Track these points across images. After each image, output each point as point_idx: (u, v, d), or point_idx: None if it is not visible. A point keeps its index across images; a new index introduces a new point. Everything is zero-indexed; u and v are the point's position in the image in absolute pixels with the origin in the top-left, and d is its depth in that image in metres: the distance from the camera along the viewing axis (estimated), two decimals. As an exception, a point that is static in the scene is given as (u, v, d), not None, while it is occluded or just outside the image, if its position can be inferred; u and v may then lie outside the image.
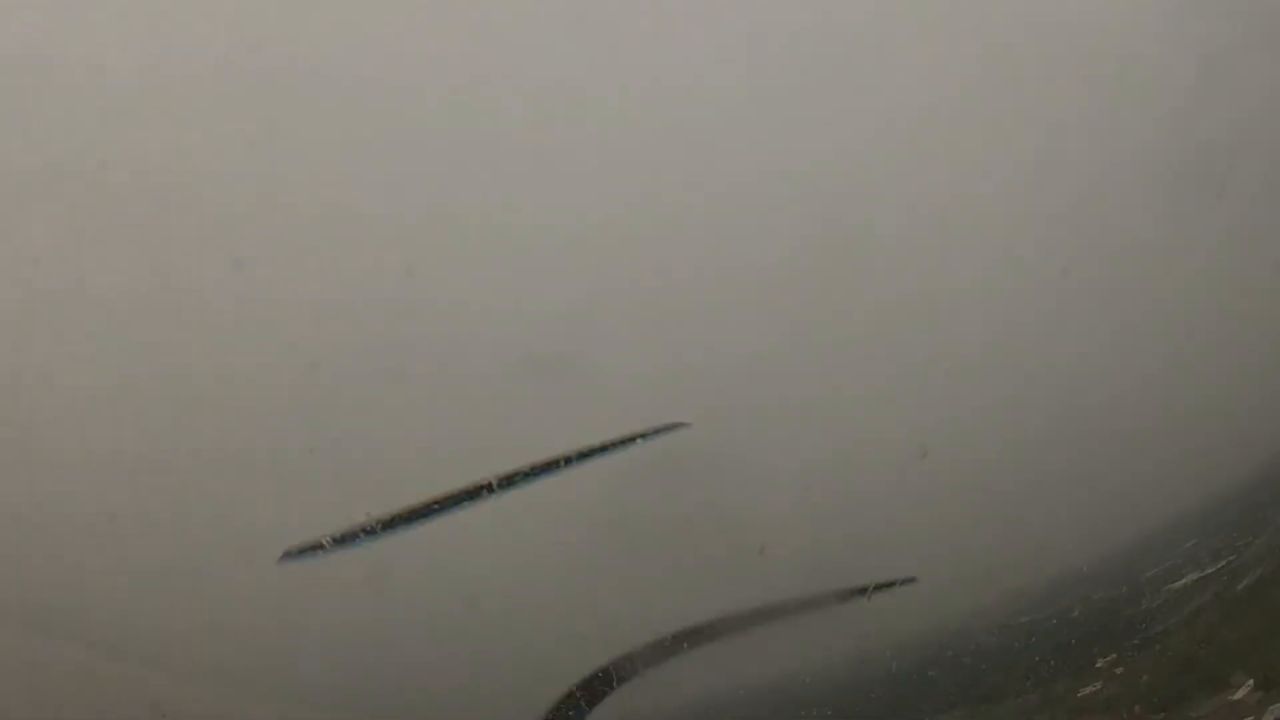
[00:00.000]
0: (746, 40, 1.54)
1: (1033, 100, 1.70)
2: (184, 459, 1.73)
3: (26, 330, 1.59)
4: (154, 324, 1.61)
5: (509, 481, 1.81)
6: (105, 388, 1.65)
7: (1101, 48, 1.72)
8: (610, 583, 2.04)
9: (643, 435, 1.80)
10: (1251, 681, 2.22)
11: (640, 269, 1.66)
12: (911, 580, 2.18)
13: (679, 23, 1.52)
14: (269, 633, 1.96)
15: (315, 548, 1.84)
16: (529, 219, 1.60)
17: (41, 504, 1.76)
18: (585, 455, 1.81)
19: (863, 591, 2.17)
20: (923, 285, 1.80)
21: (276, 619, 1.95)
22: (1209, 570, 2.47)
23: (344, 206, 1.58)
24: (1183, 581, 2.47)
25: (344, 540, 1.83)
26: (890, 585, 2.18)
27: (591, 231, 1.62)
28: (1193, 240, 1.94)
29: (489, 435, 1.78)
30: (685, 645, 2.11)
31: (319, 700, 2.03)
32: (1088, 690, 2.51)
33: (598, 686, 2.11)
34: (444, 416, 1.77)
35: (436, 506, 1.81)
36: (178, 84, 1.44)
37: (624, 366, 1.75)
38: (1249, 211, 1.95)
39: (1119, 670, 2.51)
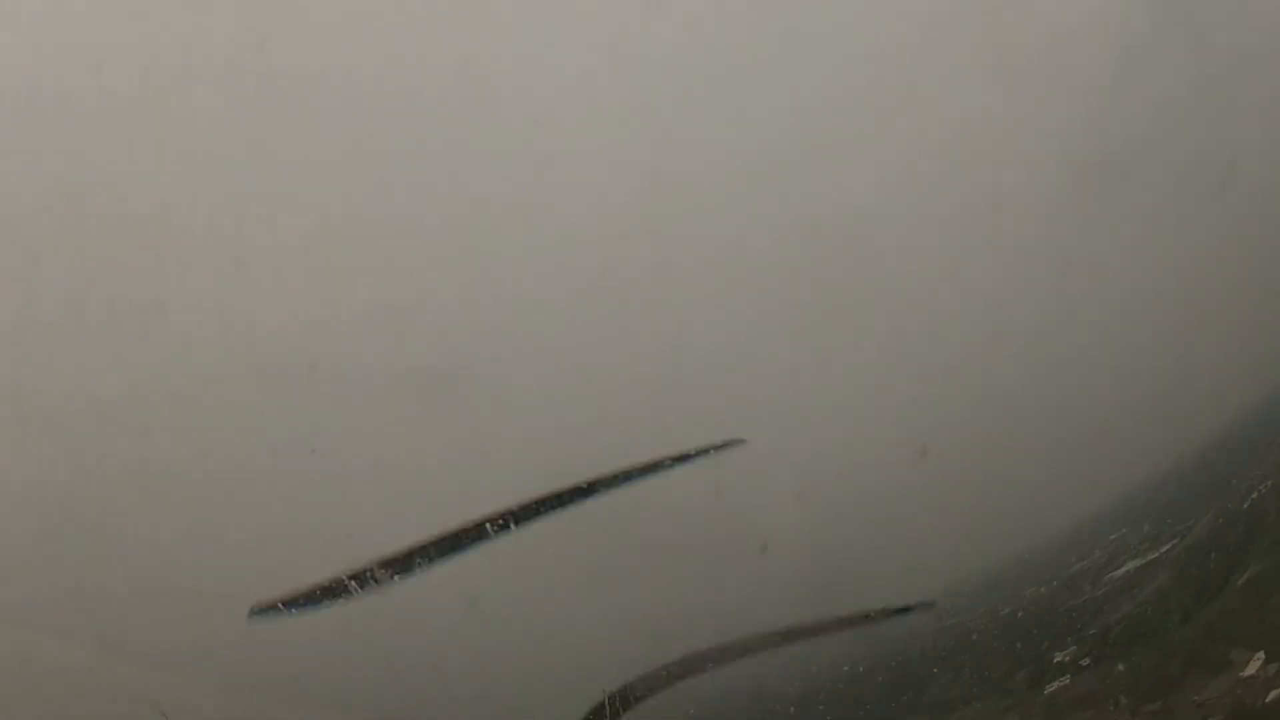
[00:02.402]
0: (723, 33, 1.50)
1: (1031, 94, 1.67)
2: (185, 459, 1.67)
3: (28, 331, 1.52)
4: (156, 324, 1.55)
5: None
6: (107, 387, 1.59)
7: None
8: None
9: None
10: (1262, 654, 2.13)
11: (640, 269, 1.62)
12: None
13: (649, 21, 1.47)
14: (270, 633, 1.88)
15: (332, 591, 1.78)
16: (526, 221, 1.58)
17: (43, 505, 1.68)
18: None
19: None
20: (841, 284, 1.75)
21: (277, 619, 1.87)
22: (1152, 555, 2.40)
23: (345, 209, 1.53)
24: (1124, 569, 2.40)
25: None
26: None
27: (588, 232, 1.59)
28: (1114, 239, 1.93)
29: (487, 432, 1.73)
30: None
31: (320, 701, 1.97)
32: (1054, 686, 2.43)
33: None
34: (444, 420, 1.71)
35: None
36: (178, 83, 1.38)
37: (623, 366, 1.70)
38: (1173, 206, 1.96)
39: (1084, 662, 2.44)
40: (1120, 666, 2.38)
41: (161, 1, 1.40)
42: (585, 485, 1.81)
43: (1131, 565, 2.39)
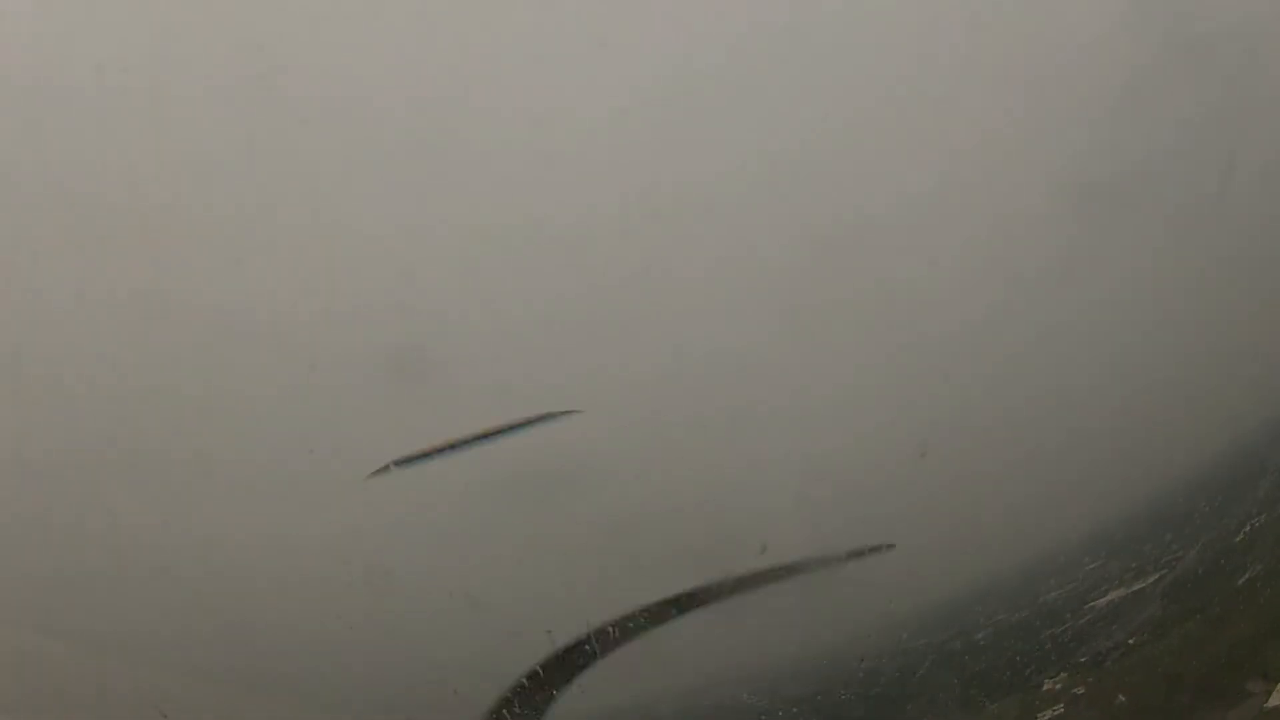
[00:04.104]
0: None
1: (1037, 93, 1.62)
2: (184, 459, 1.63)
3: (27, 329, 1.48)
4: (156, 324, 1.51)
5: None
6: (106, 387, 1.55)
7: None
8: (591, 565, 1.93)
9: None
10: (1285, 685, 2.05)
11: (634, 266, 1.57)
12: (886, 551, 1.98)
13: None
14: (270, 633, 1.84)
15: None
16: (526, 219, 1.53)
17: (42, 505, 1.64)
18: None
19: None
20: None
21: (277, 619, 1.83)
22: (1138, 586, 2.33)
23: (346, 209, 1.49)
24: (1108, 598, 2.32)
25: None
26: None
27: (588, 229, 1.54)
28: (1110, 259, 1.86)
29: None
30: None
31: (321, 701, 1.93)
32: (1047, 715, 2.35)
33: (568, 664, 1.97)
34: (443, 418, 1.66)
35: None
36: (179, 83, 1.35)
37: (623, 366, 1.65)
38: (1173, 227, 1.89)
39: (1079, 691, 2.35)
40: (1121, 697, 2.30)
41: (163, 4, 1.38)
42: None
43: (1115, 595, 2.31)
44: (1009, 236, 1.78)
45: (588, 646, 1.93)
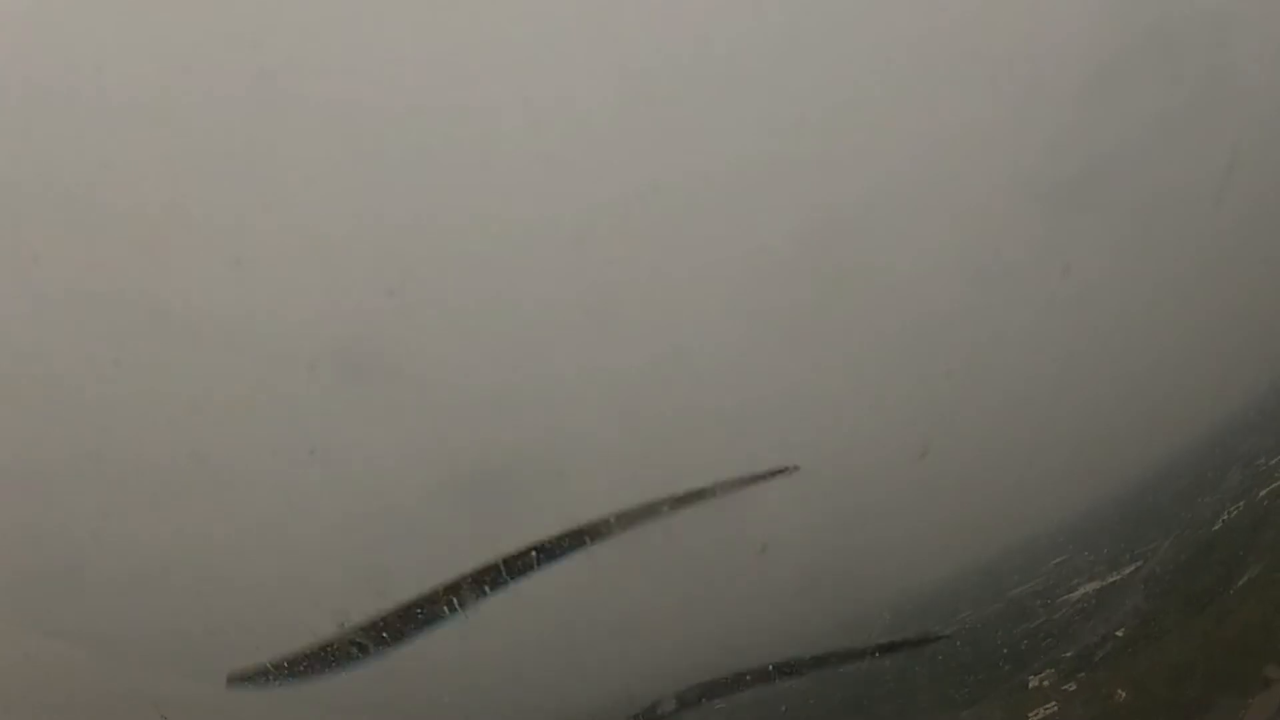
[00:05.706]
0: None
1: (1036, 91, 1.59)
2: (183, 459, 1.59)
3: (27, 329, 1.45)
4: (156, 324, 1.48)
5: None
6: (105, 386, 1.51)
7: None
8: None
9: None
10: (1307, 669, 1.97)
11: (634, 264, 1.54)
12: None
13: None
14: (269, 634, 1.81)
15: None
16: (524, 219, 1.49)
17: (42, 504, 1.61)
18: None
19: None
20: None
21: (277, 620, 1.80)
22: (1113, 578, 2.28)
23: (347, 209, 1.46)
24: (1081, 591, 2.28)
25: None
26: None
27: (587, 229, 1.51)
28: (1068, 253, 1.81)
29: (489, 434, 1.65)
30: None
31: (322, 702, 1.90)
32: (1038, 714, 2.28)
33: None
34: (444, 418, 1.62)
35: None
36: (179, 83, 1.32)
37: (623, 362, 1.62)
38: (1140, 220, 1.85)
39: (1069, 687, 2.29)
40: (1122, 693, 2.22)
41: (163, 4, 1.34)
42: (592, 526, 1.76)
43: (1089, 587, 2.27)
44: (990, 235, 1.76)
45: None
